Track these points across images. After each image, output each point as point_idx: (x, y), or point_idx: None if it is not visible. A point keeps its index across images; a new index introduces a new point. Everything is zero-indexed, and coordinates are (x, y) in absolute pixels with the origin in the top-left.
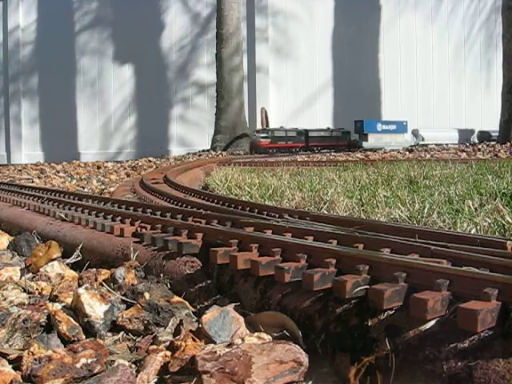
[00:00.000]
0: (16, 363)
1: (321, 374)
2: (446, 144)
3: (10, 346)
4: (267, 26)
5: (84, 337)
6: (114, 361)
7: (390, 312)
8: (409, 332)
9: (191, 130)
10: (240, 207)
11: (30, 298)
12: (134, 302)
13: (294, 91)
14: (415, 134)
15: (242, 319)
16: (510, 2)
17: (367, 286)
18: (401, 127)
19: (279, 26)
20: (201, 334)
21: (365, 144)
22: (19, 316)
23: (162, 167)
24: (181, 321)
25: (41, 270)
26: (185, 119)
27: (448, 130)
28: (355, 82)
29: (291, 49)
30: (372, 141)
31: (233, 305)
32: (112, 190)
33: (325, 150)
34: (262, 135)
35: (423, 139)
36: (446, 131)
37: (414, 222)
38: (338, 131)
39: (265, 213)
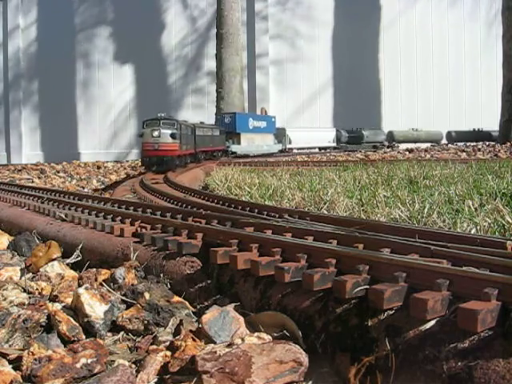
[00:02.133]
0: (16, 363)
1: (321, 373)
2: (327, 149)
3: (10, 346)
4: (267, 27)
5: (84, 337)
6: (113, 361)
7: (390, 312)
8: (409, 332)
9: None
10: (240, 207)
11: (30, 298)
12: (134, 302)
13: (294, 91)
14: (280, 135)
15: (241, 319)
16: (510, 2)
17: (367, 286)
18: (270, 125)
19: (279, 26)
20: (201, 334)
21: (237, 149)
22: (19, 316)
23: None
24: (181, 321)
25: (41, 270)
26: (185, 119)
27: (328, 129)
28: (355, 82)
29: (291, 49)
30: (245, 144)
31: (233, 305)
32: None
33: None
34: (171, 132)
35: (290, 141)
36: (322, 131)
37: (414, 221)
38: (216, 129)
39: (265, 213)
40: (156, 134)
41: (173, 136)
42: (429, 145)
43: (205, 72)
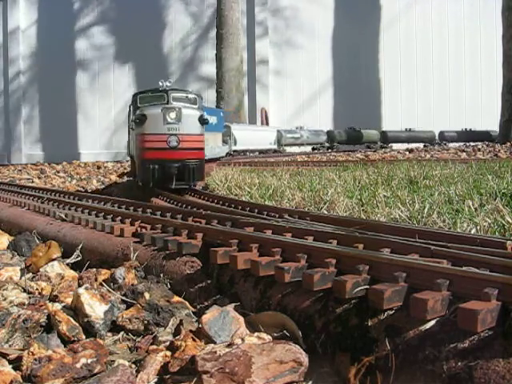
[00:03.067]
0: (16, 363)
1: (321, 373)
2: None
3: (10, 346)
4: (267, 27)
5: (84, 337)
6: (114, 361)
7: (390, 312)
8: (409, 332)
9: None
10: (240, 207)
11: (30, 298)
12: (134, 302)
13: (295, 91)
14: (225, 134)
15: (241, 319)
16: (510, 2)
17: (367, 286)
18: (220, 122)
19: (280, 26)
20: (201, 334)
21: None
22: (19, 316)
23: None
24: (181, 321)
25: (41, 270)
26: None
27: (271, 129)
28: (355, 82)
29: (291, 49)
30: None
31: (233, 305)
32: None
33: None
34: (199, 114)
35: (236, 142)
36: (266, 131)
37: (414, 221)
38: None
39: (265, 213)
40: (173, 116)
41: (202, 121)
42: (363, 146)
43: (206, 73)
